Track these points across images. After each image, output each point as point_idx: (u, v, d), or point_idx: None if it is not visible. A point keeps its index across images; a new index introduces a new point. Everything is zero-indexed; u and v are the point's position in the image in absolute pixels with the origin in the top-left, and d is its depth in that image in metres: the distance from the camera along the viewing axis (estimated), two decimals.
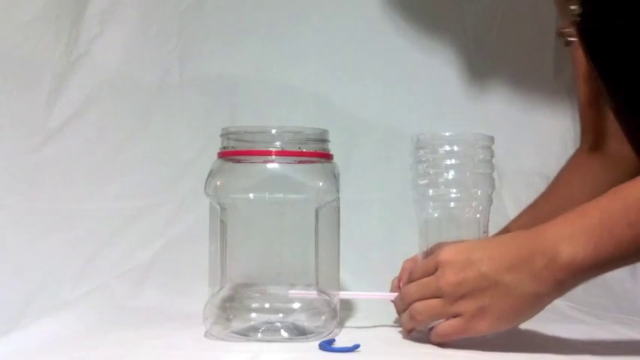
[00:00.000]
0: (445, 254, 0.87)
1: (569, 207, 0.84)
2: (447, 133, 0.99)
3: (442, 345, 0.88)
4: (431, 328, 0.90)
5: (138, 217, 1.24)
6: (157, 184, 1.27)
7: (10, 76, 1.19)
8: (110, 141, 1.26)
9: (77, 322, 0.99)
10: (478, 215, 0.98)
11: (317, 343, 0.88)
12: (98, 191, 1.23)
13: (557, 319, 1.06)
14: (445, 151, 0.98)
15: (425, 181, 0.99)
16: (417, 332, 0.92)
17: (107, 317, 1.03)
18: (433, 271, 0.88)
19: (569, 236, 0.81)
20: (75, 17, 1.26)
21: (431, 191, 0.98)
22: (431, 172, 0.98)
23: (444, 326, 0.87)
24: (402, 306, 0.92)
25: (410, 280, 0.92)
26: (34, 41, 1.21)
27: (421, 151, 0.99)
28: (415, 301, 0.89)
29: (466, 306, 0.85)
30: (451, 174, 0.98)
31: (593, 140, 1.17)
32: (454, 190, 0.98)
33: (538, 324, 1.01)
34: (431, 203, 0.99)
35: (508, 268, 0.83)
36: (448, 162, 0.98)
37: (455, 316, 0.86)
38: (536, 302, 0.84)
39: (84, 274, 1.15)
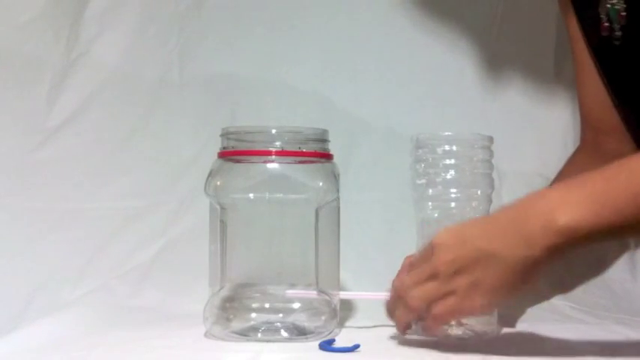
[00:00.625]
0: (438, 237, 0.85)
1: None
2: (447, 133, 0.99)
3: (440, 336, 0.89)
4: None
5: (138, 217, 1.23)
6: (157, 183, 1.27)
7: (9, 75, 1.19)
8: (110, 140, 1.26)
9: (77, 322, 0.99)
10: (478, 215, 0.98)
11: (317, 343, 0.88)
12: (98, 191, 1.23)
13: (557, 319, 1.07)
14: (444, 150, 0.98)
15: (423, 181, 0.99)
16: (412, 331, 0.92)
17: (107, 317, 1.03)
18: (430, 257, 0.86)
19: (569, 201, 0.79)
20: (75, 17, 1.25)
21: (430, 191, 0.99)
22: (430, 171, 0.99)
23: (438, 307, 0.84)
24: (395, 299, 0.89)
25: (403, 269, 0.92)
26: (33, 40, 1.21)
27: (420, 151, 1.00)
28: (410, 289, 0.86)
29: (459, 282, 0.82)
30: (450, 174, 0.98)
31: (591, 139, 1.17)
32: (454, 190, 0.98)
33: (538, 324, 1.02)
34: (429, 203, 0.99)
35: (499, 234, 0.81)
36: (447, 162, 0.98)
37: (450, 294, 0.83)
38: (529, 268, 0.80)
39: (84, 274, 1.14)
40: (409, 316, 0.88)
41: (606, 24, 1.05)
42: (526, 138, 1.35)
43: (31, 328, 0.95)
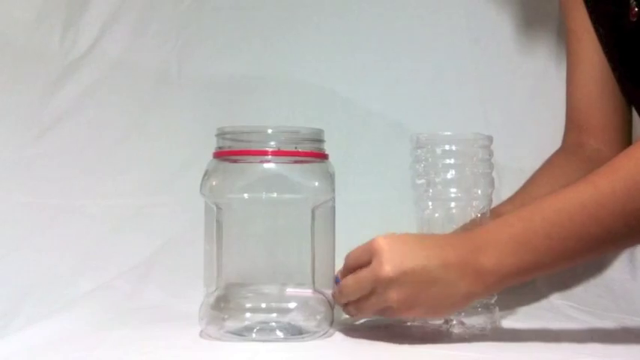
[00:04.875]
0: (381, 246, 0.87)
1: None
2: (447, 133, 0.99)
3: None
4: None
5: (137, 216, 1.24)
6: (155, 183, 1.27)
7: (6, 70, 1.19)
8: (108, 138, 1.26)
9: (77, 322, 0.99)
10: (478, 215, 0.98)
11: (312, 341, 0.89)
12: (96, 188, 1.23)
13: (557, 319, 1.06)
14: (444, 150, 0.98)
15: (422, 181, 1.00)
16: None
17: (107, 317, 1.02)
18: (366, 259, 0.88)
19: (495, 245, 0.85)
20: (75, 14, 1.26)
21: (430, 191, 0.98)
22: (430, 171, 0.99)
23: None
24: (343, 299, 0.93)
25: (345, 268, 0.92)
26: (31, 37, 1.21)
27: (420, 151, 1.00)
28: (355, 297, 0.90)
29: (395, 296, 0.86)
30: (451, 173, 0.98)
31: (574, 139, 1.18)
32: (454, 190, 0.99)
33: (538, 324, 1.02)
34: (430, 203, 1.00)
35: (445, 266, 0.86)
36: (447, 161, 0.98)
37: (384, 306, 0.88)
38: (468, 299, 0.88)
39: (81, 272, 1.14)
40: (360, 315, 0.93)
41: (636, 9, 1.05)
42: (526, 138, 1.35)
43: (31, 329, 0.95)
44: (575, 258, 0.87)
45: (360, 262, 0.89)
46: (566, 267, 0.90)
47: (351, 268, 0.91)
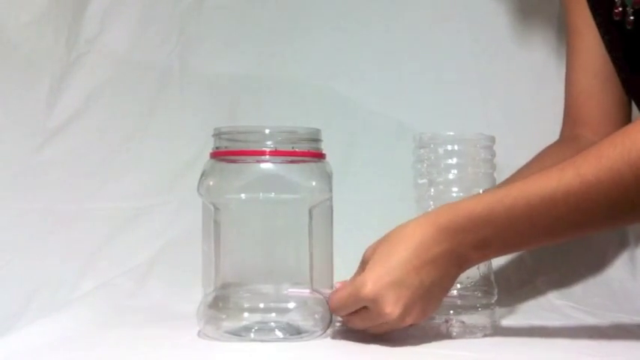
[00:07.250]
0: (372, 292, 0.87)
1: None
2: (450, 133, 0.99)
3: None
4: None
5: (138, 218, 1.24)
6: (157, 184, 1.27)
7: (9, 76, 1.19)
8: (110, 141, 1.26)
9: (77, 322, 0.99)
10: None
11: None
12: (98, 192, 1.23)
13: (557, 319, 1.06)
14: (446, 150, 0.98)
15: (424, 180, 1.00)
16: None
17: (107, 317, 1.03)
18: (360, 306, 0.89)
19: (479, 232, 0.87)
20: (75, 17, 1.25)
21: (432, 190, 0.98)
22: (431, 171, 0.99)
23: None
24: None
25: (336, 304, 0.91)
26: (34, 41, 1.20)
27: (422, 150, 1.00)
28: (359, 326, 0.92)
29: (409, 320, 0.89)
30: (452, 173, 0.98)
31: (569, 131, 1.18)
32: (456, 190, 0.99)
33: (538, 323, 1.02)
34: (431, 202, 0.99)
35: (437, 269, 0.88)
36: (449, 161, 0.98)
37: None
38: (455, 279, 0.91)
39: (84, 275, 1.15)
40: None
41: (620, 8, 1.06)
42: (526, 137, 1.35)
43: (31, 328, 0.95)
44: (556, 239, 0.91)
45: (353, 309, 0.90)
46: (547, 245, 0.96)
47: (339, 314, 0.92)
